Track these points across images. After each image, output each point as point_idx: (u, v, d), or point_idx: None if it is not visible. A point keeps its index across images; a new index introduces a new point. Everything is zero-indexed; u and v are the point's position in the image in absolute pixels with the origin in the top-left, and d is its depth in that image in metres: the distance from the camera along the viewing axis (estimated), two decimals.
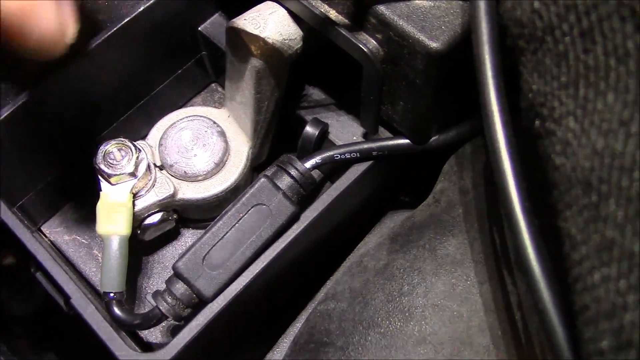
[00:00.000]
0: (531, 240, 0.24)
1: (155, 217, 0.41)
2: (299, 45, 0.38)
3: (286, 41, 0.37)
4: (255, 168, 0.46)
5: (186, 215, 0.44)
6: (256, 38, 0.37)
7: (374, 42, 0.36)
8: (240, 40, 0.38)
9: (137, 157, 0.39)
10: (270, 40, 0.37)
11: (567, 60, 0.23)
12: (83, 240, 0.44)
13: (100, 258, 0.44)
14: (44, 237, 0.45)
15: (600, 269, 0.21)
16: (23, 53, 0.30)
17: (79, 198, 0.45)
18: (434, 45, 0.33)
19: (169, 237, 0.44)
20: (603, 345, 0.20)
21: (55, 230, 0.45)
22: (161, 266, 0.44)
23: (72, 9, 0.31)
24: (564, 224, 0.23)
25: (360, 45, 0.35)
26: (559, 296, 0.24)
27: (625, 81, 0.21)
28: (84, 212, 0.45)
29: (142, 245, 0.43)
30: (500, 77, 0.27)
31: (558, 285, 0.24)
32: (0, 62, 0.37)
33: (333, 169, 0.43)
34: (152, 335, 0.42)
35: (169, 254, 0.44)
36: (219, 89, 0.49)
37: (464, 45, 0.33)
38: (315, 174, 0.41)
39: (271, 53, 0.38)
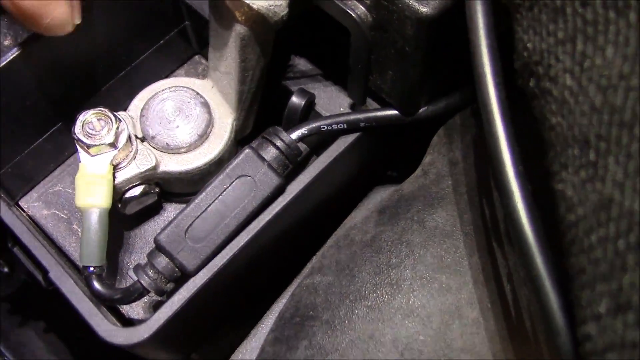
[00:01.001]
0: (524, 203, 0.23)
1: (137, 190, 0.40)
2: (285, 12, 0.37)
3: (272, 7, 0.36)
4: (239, 141, 0.44)
5: (169, 189, 0.43)
6: (240, 3, 0.36)
7: (362, 7, 0.35)
8: (224, 6, 0.37)
9: (118, 128, 0.38)
10: (255, 6, 0.36)
11: (565, 15, 0.22)
12: (62, 215, 0.43)
13: (80, 233, 0.42)
14: (21, 211, 0.43)
15: (598, 229, 0.20)
16: (36, 31, 0.35)
17: (58, 171, 0.44)
18: (424, 10, 0.32)
19: (151, 211, 0.43)
20: (601, 308, 0.19)
21: (34, 204, 0.44)
22: (143, 241, 0.43)
23: None
24: (559, 186, 0.22)
25: (348, 11, 0.34)
26: (552, 262, 0.23)
27: (625, 34, 0.20)
28: (63, 186, 0.44)
29: (123, 219, 0.42)
30: (493, 37, 0.26)
31: (551, 252, 0.24)
32: None
33: (319, 143, 0.43)
34: (134, 311, 0.41)
35: (151, 229, 0.43)
36: (203, 61, 0.48)
37: (455, 10, 0.32)
38: (302, 147, 0.40)
39: (256, 19, 0.36)
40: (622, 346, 0.19)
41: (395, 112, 0.39)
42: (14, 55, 0.37)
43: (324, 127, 0.39)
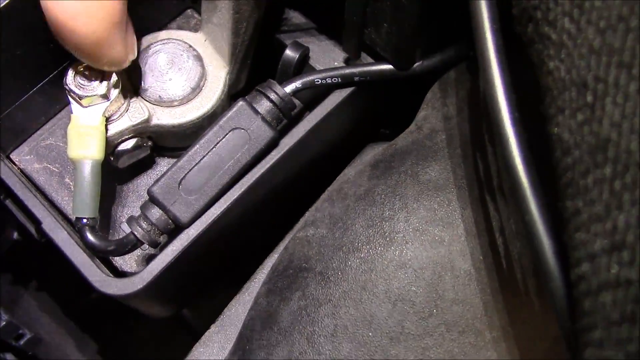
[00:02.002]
0: (519, 149, 0.24)
1: (129, 143, 0.40)
2: None
3: None
4: (232, 96, 0.44)
5: (161, 143, 0.42)
6: None
7: None
8: None
9: (110, 79, 0.37)
10: None
11: None
12: (54, 169, 0.43)
13: (72, 187, 0.42)
14: (13, 165, 0.43)
15: (594, 170, 0.20)
16: (95, 66, 0.37)
17: (50, 125, 0.44)
18: None
19: (143, 165, 0.43)
20: (595, 248, 0.20)
21: (25, 158, 0.43)
22: (136, 195, 0.43)
23: (133, 33, 0.37)
24: (555, 130, 0.22)
25: None
26: (546, 207, 0.23)
27: None
28: (55, 140, 0.43)
29: (115, 173, 0.42)
30: None
31: (545, 198, 0.24)
32: None
33: (313, 99, 0.42)
34: (127, 264, 0.41)
35: (144, 183, 0.43)
36: (195, 15, 0.47)
37: None
38: (295, 102, 0.40)
39: None
40: (616, 284, 0.19)
41: (389, 66, 0.39)
42: (5, 3, 0.36)
43: (318, 81, 0.39)
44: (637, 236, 0.19)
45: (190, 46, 0.41)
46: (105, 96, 0.37)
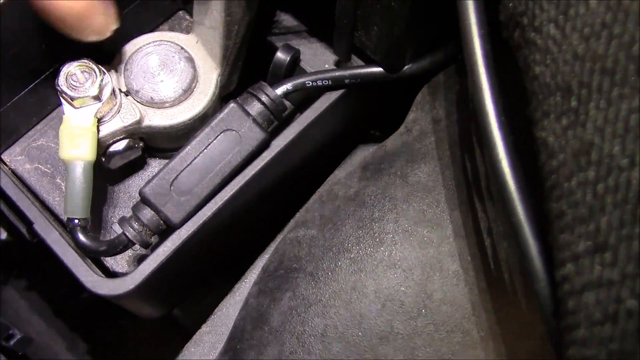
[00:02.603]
0: (506, 152, 0.24)
1: (121, 144, 0.40)
2: None
3: None
4: (224, 98, 0.44)
5: (153, 144, 0.43)
6: None
7: None
8: None
9: (102, 80, 0.38)
10: None
11: None
12: (46, 169, 0.43)
13: (64, 187, 0.42)
14: (4, 165, 0.43)
15: (578, 174, 0.20)
16: (78, 40, 0.36)
17: (41, 125, 0.44)
18: None
19: (135, 166, 0.43)
20: (579, 249, 0.20)
21: (16, 158, 0.43)
22: (127, 196, 0.43)
23: (114, 3, 0.37)
24: (541, 134, 0.23)
25: None
26: (532, 209, 0.24)
27: None
28: (46, 140, 0.44)
29: (107, 174, 0.42)
30: None
31: (531, 200, 0.24)
32: None
33: (304, 101, 0.43)
34: (119, 265, 0.41)
35: (135, 184, 0.43)
36: (187, 16, 0.47)
37: None
38: (286, 104, 0.40)
39: None
40: (599, 285, 0.19)
41: (379, 69, 0.39)
42: None
43: (308, 83, 0.39)
44: (619, 238, 0.19)
45: (182, 48, 0.41)
46: (97, 97, 0.38)
